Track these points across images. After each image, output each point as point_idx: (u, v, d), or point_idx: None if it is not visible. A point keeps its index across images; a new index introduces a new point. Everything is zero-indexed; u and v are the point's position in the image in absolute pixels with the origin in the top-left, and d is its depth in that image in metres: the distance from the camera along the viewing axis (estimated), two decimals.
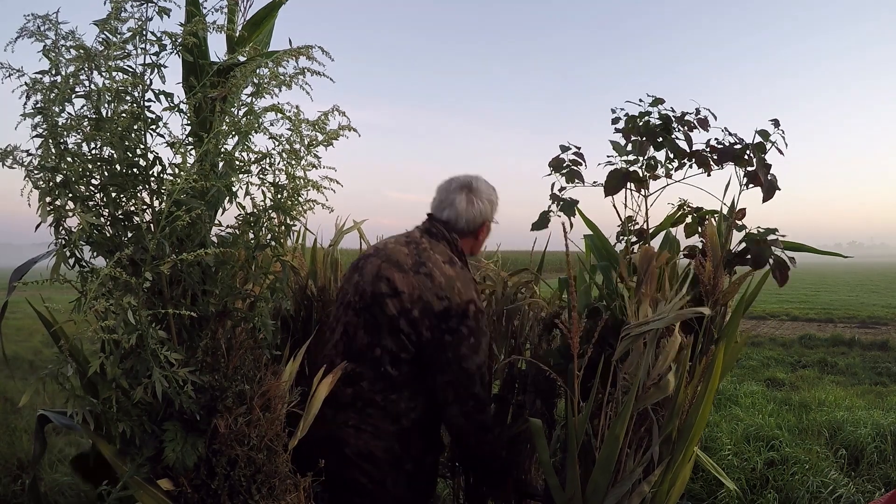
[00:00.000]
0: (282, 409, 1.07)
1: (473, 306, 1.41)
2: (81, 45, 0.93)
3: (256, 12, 1.22)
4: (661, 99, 1.58)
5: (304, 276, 1.64)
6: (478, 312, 1.43)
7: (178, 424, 0.99)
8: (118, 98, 0.94)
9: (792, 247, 1.51)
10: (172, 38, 0.97)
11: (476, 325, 1.41)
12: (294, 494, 1.07)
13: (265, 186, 1.12)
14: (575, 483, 1.27)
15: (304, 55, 1.05)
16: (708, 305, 1.39)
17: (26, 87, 0.92)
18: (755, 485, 2.85)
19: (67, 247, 0.94)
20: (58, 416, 1.25)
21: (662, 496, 1.32)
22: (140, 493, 0.99)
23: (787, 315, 10.83)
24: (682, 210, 1.70)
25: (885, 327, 9.29)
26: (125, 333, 0.88)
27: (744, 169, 1.50)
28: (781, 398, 4.56)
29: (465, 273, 1.47)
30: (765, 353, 6.80)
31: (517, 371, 1.82)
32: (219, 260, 1.05)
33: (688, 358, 1.30)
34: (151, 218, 0.98)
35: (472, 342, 1.39)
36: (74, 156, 0.94)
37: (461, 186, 1.54)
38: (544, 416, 1.70)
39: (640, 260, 1.36)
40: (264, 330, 1.15)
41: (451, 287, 1.39)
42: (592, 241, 1.74)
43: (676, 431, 1.31)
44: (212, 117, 1.05)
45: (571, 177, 1.60)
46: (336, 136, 1.15)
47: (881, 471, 3.08)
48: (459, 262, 1.48)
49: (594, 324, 1.49)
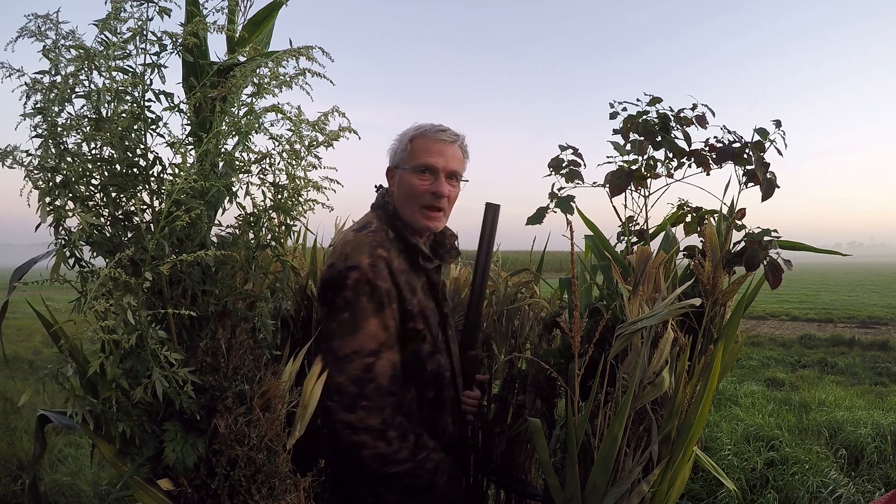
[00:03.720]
0: (282, 409, 1.07)
1: (356, 273, 1.17)
2: (81, 45, 0.93)
3: (257, 12, 1.22)
4: (659, 98, 1.58)
5: (304, 276, 1.64)
6: (361, 283, 1.16)
7: (178, 424, 0.99)
8: (118, 98, 0.94)
9: (791, 246, 1.51)
10: (173, 38, 0.97)
11: (354, 298, 1.16)
12: (294, 494, 1.07)
13: (265, 186, 1.12)
14: (574, 482, 1.27)
15: (305, 55, 1.05)
16: (707, 305, 1.39)
17: (26, 87, 0.92)
18: (755, 485, 2.85)
19: (67, 247, 0.94)
20: (58, 416, 1.25)
21: (662, 496, 1.32)
22: (140, 493, 0.99)
23: (787, 315, 10.83)
24: (682, 210, 1.70)
25: (885, 327, 9.29)
26: (125, 333, 0.88)
27: (743, 168, 1.50)
28: (781, 398, 4.57)
29: (367, 237, 1.23)
30: (765, 353, 6.80)
31: (517, 371, 1.83)
32: (219, 260, 1.05)
33: (686, 357, 1.30)
34: (151, 218, 0.99)
35: (346, 318, 1.16)
36: (74, 156, 0.94)
37: None
38: (544, 415, 1.70)
39: (636, 260, 1.37)
40: (264, 330, 1.15)
41: (338, 252, 1.21)
42: (593, 242, 1.74)
43: (675, 431, 1.31)
44: (212, 117, 1.05)
45: (571, 177, 1.60)
46: (336, 137, 1.15)
47: (881, 471, 3.08)
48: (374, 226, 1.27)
49: (595, 323, 1.49)
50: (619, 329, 1.28)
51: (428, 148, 1.30)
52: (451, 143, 1.32)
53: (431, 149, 1.30)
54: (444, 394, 1.36)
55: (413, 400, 1.31)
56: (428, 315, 1.32)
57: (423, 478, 1.24)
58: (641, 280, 1.35)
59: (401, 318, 1.25)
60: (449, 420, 1.39)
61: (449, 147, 1.32)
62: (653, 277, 1.37)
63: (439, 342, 1.35)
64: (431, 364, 1.32)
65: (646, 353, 1.28)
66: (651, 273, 1.37)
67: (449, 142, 1.32)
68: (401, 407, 1.27)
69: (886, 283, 22.48)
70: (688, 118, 1.57)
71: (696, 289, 1.43)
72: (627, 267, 1.45)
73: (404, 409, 1.28)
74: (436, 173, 1.30)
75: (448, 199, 1.32)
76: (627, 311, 1.33)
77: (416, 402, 1.31)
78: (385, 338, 1.20)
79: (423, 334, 1.29)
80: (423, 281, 1.34)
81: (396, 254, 1.28)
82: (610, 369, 1.30)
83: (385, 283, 1.20)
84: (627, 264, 1.46)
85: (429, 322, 1.32)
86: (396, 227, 1.31)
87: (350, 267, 1.18)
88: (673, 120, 1.58)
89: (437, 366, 1.33)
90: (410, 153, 1.31)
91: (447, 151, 1.31)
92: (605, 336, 1.40)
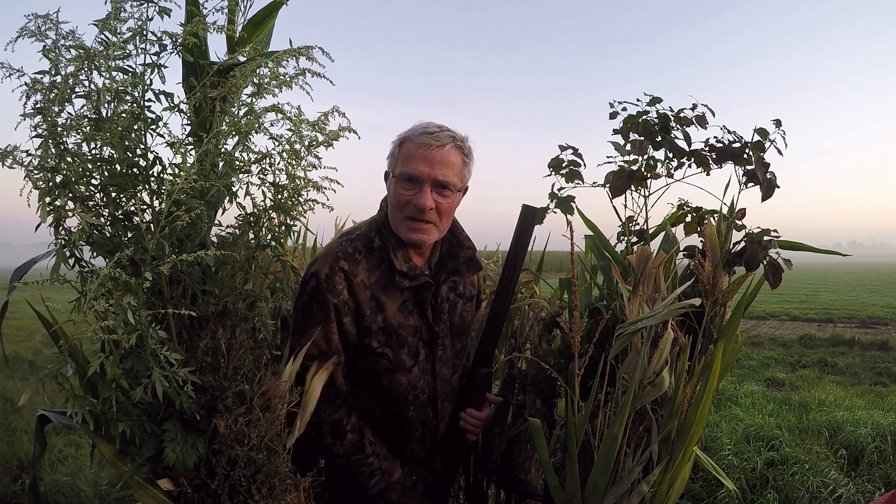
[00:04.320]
0: (282, 409, 1.07)
1: (314, 281, 1.20)
2: (81, 45, 0.93)
3: (257, 13, 1.22)
4: (659, 98, 1.58)
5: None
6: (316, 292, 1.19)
7: (178, 424, 0.99)
8: (118, 98, 0.94)
9: (791, 246, 1.51)
10: (173, 38, 0.97)
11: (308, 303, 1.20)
12: (294, 494, 1.07)
13: (265, 186, 1.12)
14: (574, 482, 1.27)
15: (305, 55, 1.05)
16: (707, 305, 1.39)
17: (26, 87, 0.92)
18: (755, 485, 2.85)
19: (67, 247, 0.94)
20: (58, 416, 1.25)
21: (662, 496, 1.32)
22: (140, 493, 0.99)
23: (787, 315, 10.83)
24: (682, 210, 1.70)
25: (885, 327, 9.29)
26: (125, 333, 0.88)
27: (743, 168, 1.50)
28: (781, 398, 4.56)
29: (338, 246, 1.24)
30: (765, 353, 6.80)
31: (517, 371, 1.82)
32: (219, 260, 1.05)
33: (686, 357, 1.30)
34: (151, 218, 0.99)
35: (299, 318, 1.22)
36: (74, 156, 0.94)
37: None
38: (544, 415, 1.70)
39: (636, 260, 1.37)
40: (264, 330, 1.15)
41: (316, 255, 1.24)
42: (593, 242, 1.74)
43: (675, 431, 1.31)
44: (212, 117, 1.05)
45: (571, 177, 1.60)
46: (336, 137, 1.15)
47: (881, 471, 3.08)
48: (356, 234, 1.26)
49: (595, 323, 1.49)
50: (619, 329, 1.29)
51: (412, 154, 1.20)
52: (438, 147, 1.20)
53: (416, 155, 1.20)
54: (412, 414, 1.32)
55: (376, 409, 1.32)
56: (400, 333, 1.26)
57: (358, 479, 1.28)
58: (641, 280, 1.35)
59: (357, 332, 1.24)
60: (416, 439, 1.35)
61: (436, 152, 1.19)
62: (653, 277, 1.37)
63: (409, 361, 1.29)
64: (390, 382, 1.28)
65: (646, 353, 1.28)
66: (651, 273, 1.37)
67: (436, 146, 1.19)
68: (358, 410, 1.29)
69: (886, 283, 22.48)
70: (688, 118, 1.57)
71: (696, 289, 1.43)
72: (627, 267, 1.45)
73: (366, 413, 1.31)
74: (420, 183, 1.19)
75: (437, 210, 1.22)
76: (627, 311, 1.33)
77: (379, 412, 1.32)
78: (325, 348, 1.22)
79: (382, 351, 1.25)
80: (403, 297, 1.27)
81: (368, 266, 1.24)
82: (610, 369, 1.30)
83: (335, 298, 1.20)
84: (627, 264, 1.46)
85: (392, 340, 1.26)
86: (383, 235, 1.25)
87: (312, 273, 1.22)
88: (673, 120, 1.58)
89: (398, 385, 1.29)
90: (398, 159, 1.23)
91: (434, 158, 1.19)
92: (605, 336, 1.40)
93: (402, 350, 1.28)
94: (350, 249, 1.24)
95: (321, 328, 1.20)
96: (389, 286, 1.25)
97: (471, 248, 1.37)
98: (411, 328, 1.28)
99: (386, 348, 1.26)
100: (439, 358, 1.34)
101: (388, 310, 1.25)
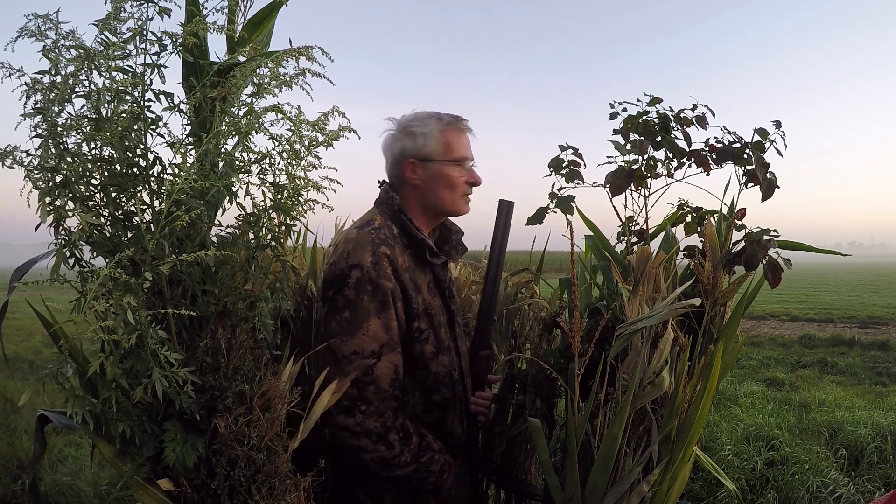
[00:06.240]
0: (282, 410, 1.07)
1: (359, 272, 1.15)
2: (81, 45, 0.93)
3: (257, 13, 1.22)
4: (659, 98, 1.58)
5: (304, 276, 1.64)
6: (363, 281, 1.14)
7: (178, 424, 0.98)
8: (118, 98, 0.94)
9: (791, 246, 1.51)
10: (173, 38, 0.97)
11: (356, 297, 1.14)
12: (294, 494, 1.07)
13: (265, 186, 1.12)
14: (574, 482, 1.27)
15: (305, 55, 1.05)
16: (707, 305, 1.39)
17: (26, 87, 0.92)
18: (755, 485, 2.85)
19: (67, 247, 0.94)
20: (58, 416, 1.24)
21: (662, 496, 1.32)
22: (140, 493, 0.99)
23: (787, 315, 10.83)
24: (682, 210, 1.70)
25: (885, 327, 9.30)
26: (125, 333, 0.88)
27: (743, 168, 1.50)
28: (781, 398, 4.57)
29: (370, 234, 1.21)
30: (765, 353, 6.80)
31: (517, 371, 1.82)
32: (219, 260, 1.05)
33: (686, 357, 1.30)
34: (151, 218, 0.99)
35: (347, 317, 1.14)
36: (74, 156, 0.94)
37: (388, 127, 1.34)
38: (544, 415, 1.70)
39: (636, 260, 1.37)
40: (264, 330, 1.15)
41: (340, 250, 1.19)
42: (593, 242, 1.74)
43: (675, 431, 1.31)
44: (212, 117, 1.05)
45: (571, 177, 1.60)
46: (336, 137, 1.15)
47: (881, 471, 3.08)
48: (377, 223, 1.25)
49: (595, 323, 1.49)
50: (619, 329, 1.28)
51: (460, 140, 1.34)
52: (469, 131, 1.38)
53: (465, 141, 1.36)
54: (451, 395, 1.34)
55: (418, 403, 1.30)
56: (433, 313, 1.30)
57: (428, 480, 1.23)
58: (641, 280, 1.35)
59: (406, 317, 1.23)
60: (457, 422, 1.37)
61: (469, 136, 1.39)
62: (653, 277, 1.37)
63: (446, 341, 1.33)
64: (436, 366, 1.30)
65: (646, 353, 1.28)
66: (651, 273, 1.37)
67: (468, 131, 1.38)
68: (404, 409, 1.25)
69: (886, 283, 22.48)
70: (688, 118, 1.57)
71: (696, 289, 1.43)
72: (627, 267, 1.45)
73: (409, 412, 1.27)
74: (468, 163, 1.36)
75: None
76: (627, 311, 1.33)
77: (421, 405, 1.30)
78: (387, 339, 1.17)
79: (427, 334, 1.27)
80: (428, 278, 1.32)
81: (401, 250, 1.26)
82: (610, 369, 1.30)
83: (388, 283, 1.18)
84: (627, 264, 1.46)
85: (433, 321, 1.30)
86: (402, 222, 1.28)
87: (352, 265, 1.16)
88: (673, 120, 1.58)
89: (442, 367, 1.31)
90: (445, 145, 1.31)
91: (469, 140, 1.38)
92: (605, 336, 1.39)
93: (441, 329, 1.32)
94: (382, 236, 1.23)
95: (378, 319, 1.16)
96: (418, 269, 1.30)
97: (459, 231, 1.47)
98: (439, 307, 1.34)
99: (429, 329, 1.28)
100: (458, 335, 1.40)
101: (423, 291, 1.29)
